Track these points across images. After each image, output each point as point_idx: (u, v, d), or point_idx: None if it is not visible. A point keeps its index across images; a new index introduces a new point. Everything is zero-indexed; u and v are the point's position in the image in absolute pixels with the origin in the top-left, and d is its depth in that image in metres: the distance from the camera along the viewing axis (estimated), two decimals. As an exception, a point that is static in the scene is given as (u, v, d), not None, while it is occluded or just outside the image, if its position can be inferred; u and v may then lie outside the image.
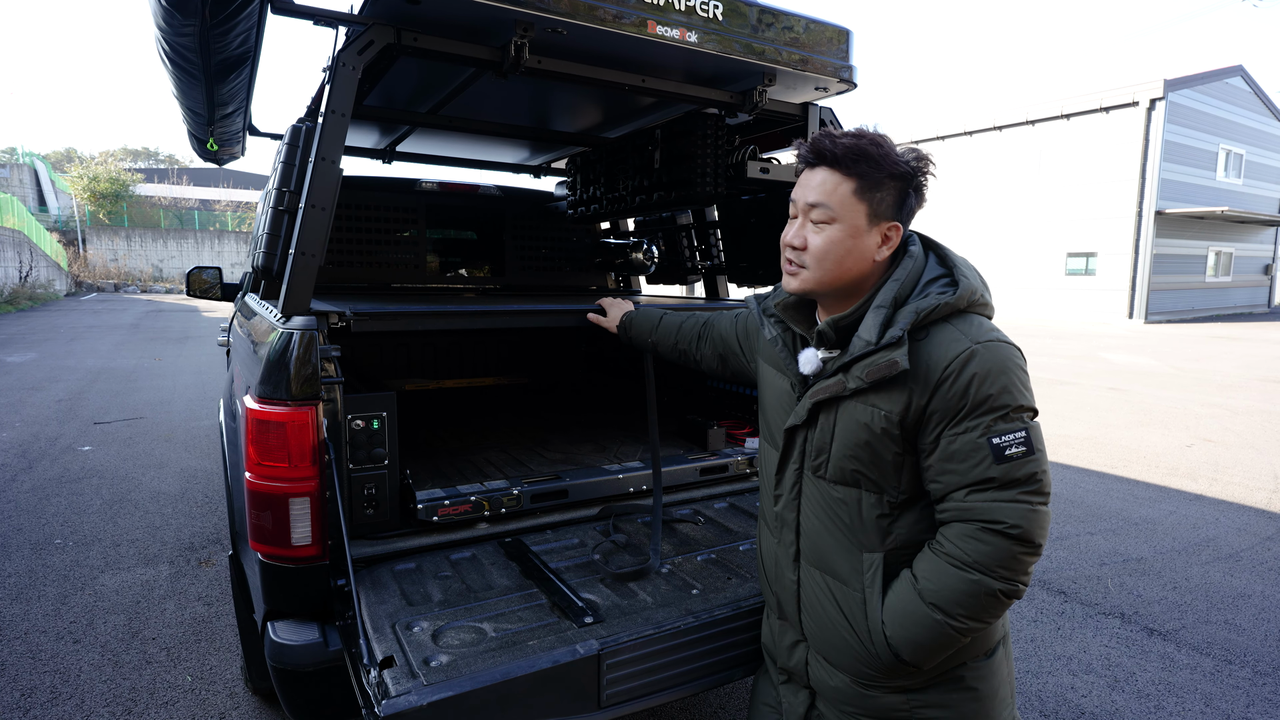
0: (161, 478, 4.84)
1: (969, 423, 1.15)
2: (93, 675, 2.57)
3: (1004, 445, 1.13)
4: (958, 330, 1.18)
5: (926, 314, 1.18)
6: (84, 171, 32.53)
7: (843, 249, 1.24)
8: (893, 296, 1.22)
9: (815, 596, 1.32)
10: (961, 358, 1.15)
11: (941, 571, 1.16)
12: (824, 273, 1.26)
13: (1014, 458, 1.13)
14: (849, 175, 1.22)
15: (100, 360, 10.12)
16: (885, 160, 1.20)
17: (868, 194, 1.21)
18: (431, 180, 3.74)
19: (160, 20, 1.87)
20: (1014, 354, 1.18)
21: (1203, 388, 8.79)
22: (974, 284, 1.23)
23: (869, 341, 1.20)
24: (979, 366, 1.14)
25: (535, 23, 1.73)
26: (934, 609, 1.16)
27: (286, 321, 1.65)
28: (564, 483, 2.09)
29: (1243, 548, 3.85)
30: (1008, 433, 1.14)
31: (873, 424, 1.21)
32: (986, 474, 1.14)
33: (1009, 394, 1.15)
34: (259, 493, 1.59)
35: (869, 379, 1.18)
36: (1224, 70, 20.21)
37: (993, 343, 1.16)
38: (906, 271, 1.24)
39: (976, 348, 1.15)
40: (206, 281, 4.43)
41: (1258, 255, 23.74)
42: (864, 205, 1.22)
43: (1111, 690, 2.55)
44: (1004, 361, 1.16)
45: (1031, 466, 1.14)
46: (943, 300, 1.19)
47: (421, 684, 1.25)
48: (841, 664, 1.29)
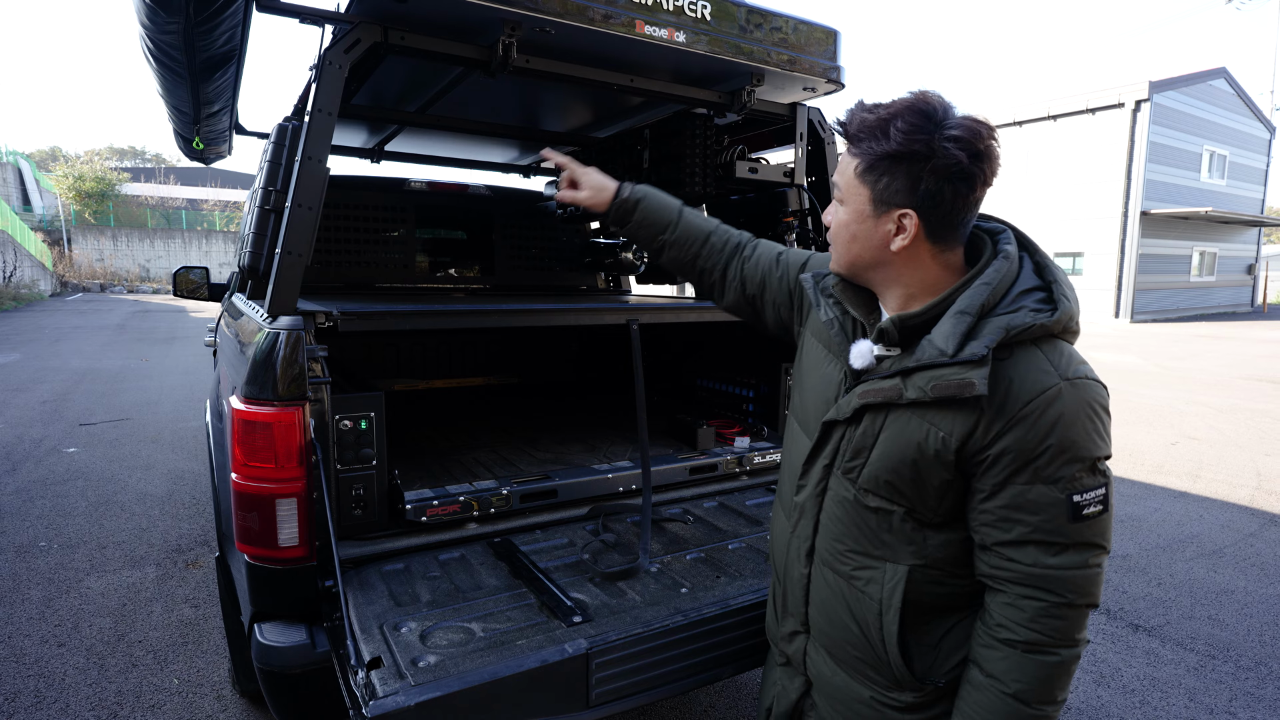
0: (148, 479, 4.80)
1: (1048, 472, 1.01)
2: (78, 679, 2.55)
3: (1084, 504, 1.01)
4: (1047, 360, 1.02)
5: (1018, 333, 1.02)
6: (69, 170, 32.19)
7: (849, 233, 1.13)
8: (980, 303, 1.05)
9: (827, 596, 1.23)
10: (1048, 395, 1.00)
11: (1024, 663, 1.03)
12: (839, 255, 1.17)
13: (1090, 517, 1.01)
14: (855, 154, 1.10)
15: (86, 361, 10.02)
16: (890, 139, 1.04)
17: (869, 176, 1.08)
18: (420, 180, 3.72)
19: (144, 18, 1.86)
20: (1102, 395, 1.04)
21: (1187, 386, 8.88)
22: (1073, 309, 1.06)
23: (943, 351, 1.04)
24: (1066, 408, 1.00)
25: (523, 22, 1.73)
26: (1041, 707, 1.04)
27: (273, 321, 1.64)
28: (553, 482, 2.09)
29: (1226, 544, 3.89)
30: (1090, 489, 1.01)
31: (925, 443, 1.06)
32: (1057, 534, 1.01)
33: (1094, 443, 1.01)
34: (245, 494, 1.58)
35: (934, 394, 1.04)
36: (1207, 72, 20.44)
37: (1082, 381, 1.02)
38: (999, 276, 1.06)
39: (1065, 385, 1.01)
40: (193, 281, 4.39)
41: (1241, 255, 24.02)
42: (866, 189, 1.09)
43: (1097, 686, 2.58)
44: (1092, 404, 1.02)
45: (1104, 525, 1.03)
46: (1038, 321, 1.03)
47: (409, 685, 1.24)
48: (848, 664, 1.23)
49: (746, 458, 2.41)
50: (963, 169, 1.02)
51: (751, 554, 1.88)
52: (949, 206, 1.05)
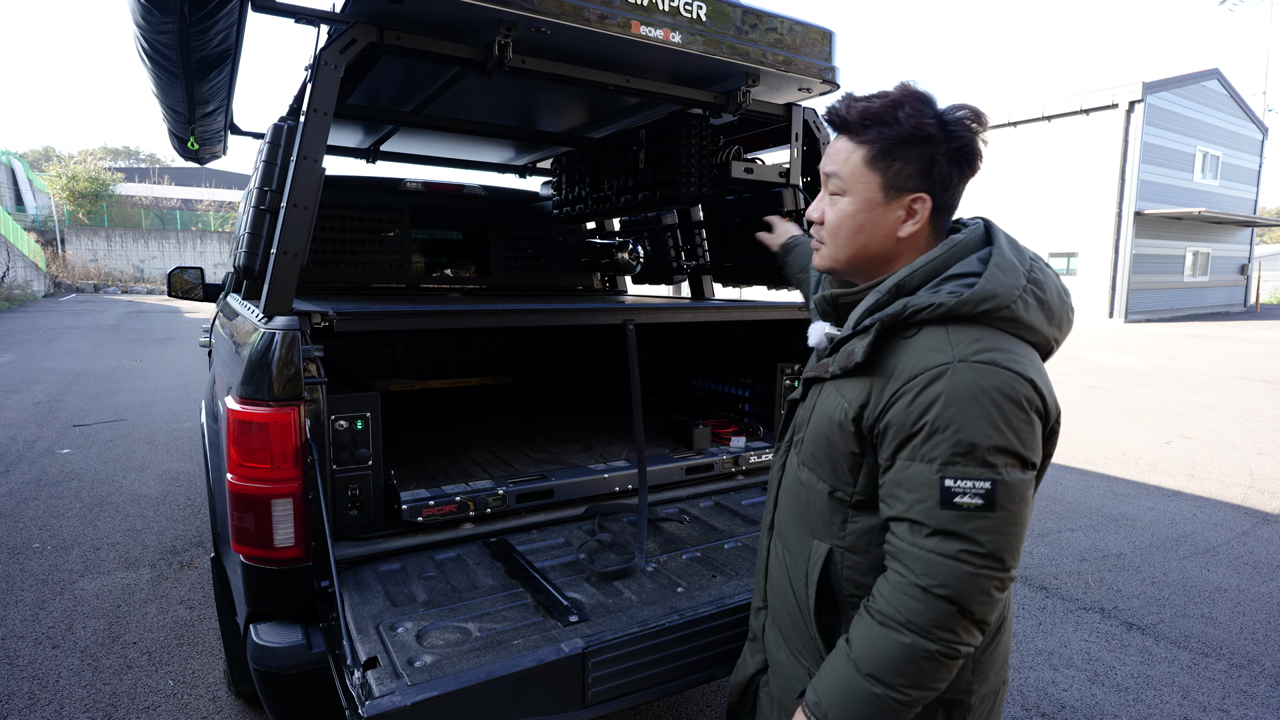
0: (143, 480, 4.78)
1: (923, 450, 0.98)
2: (72, 680, 2.54)
3: (956, 490, 0.95)
4: (946, 340, 1.00)
5: (914, 312, 1.02)
6: (63, 171, 32.04)
7: (855, 224, 1.11)
8: (896, 282, 1.07)
9: (777, 570, 1.28)
10: (930, 373, 0.98)
11: (874, 635, 1.01)
12: (838, 249, 1.14)
13: (962, 508, 0.95)
14: (860, 142, 1.09)
15: (80, 362, 9.97)
16: (902, 123, 1.04)
17: (881, 162, 1.07)
18: (416, 180, 3.72)
19: (139, 17, 1.85)
20: (1008, 383, 0.96)
21: (1181, 386, 8.93)
22: (994, 289, 1.00)
23: (849, 324, 1.11)
24: (948, 387, 0.96)
25: (518, 22, 1.73)
26: (872, 680, 1.00)
27: (268, 322, 1.64)
28: (549, 482, 2.09)
29: (1219, 543, 3.91)
30: (967, 478, 0.95)
31: (834, 413, 1.10)
32: (927, 515, 0.97)
33: (981, 431, 0.95)
34: (241, 494, 1.58)
35: (839, 365, 1.09)
36: (1200, 73, 20.54)
37: (982, 364, 0.96)
38: (932, 258, 1.07)
39: (959, 366, 0.97)
40: (188, 282, 4.38)
41: (1234, 255, 24.13)
42: (877, 175, 1.08)
43: (1091, 684, 2.59)
44: (987, 390, 0.95)
45: (982, 525, 0.94)
46: (936, 301, 1.01)
47: (405, 684, 1.24)
48: (791, 641, 1.24)
49: (742, 457, 2.41)
50: (971, 149, 1.06)
51: (747, 553, 1.88)
52: (954, 189, 1.09)
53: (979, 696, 1.12)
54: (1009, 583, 0.99)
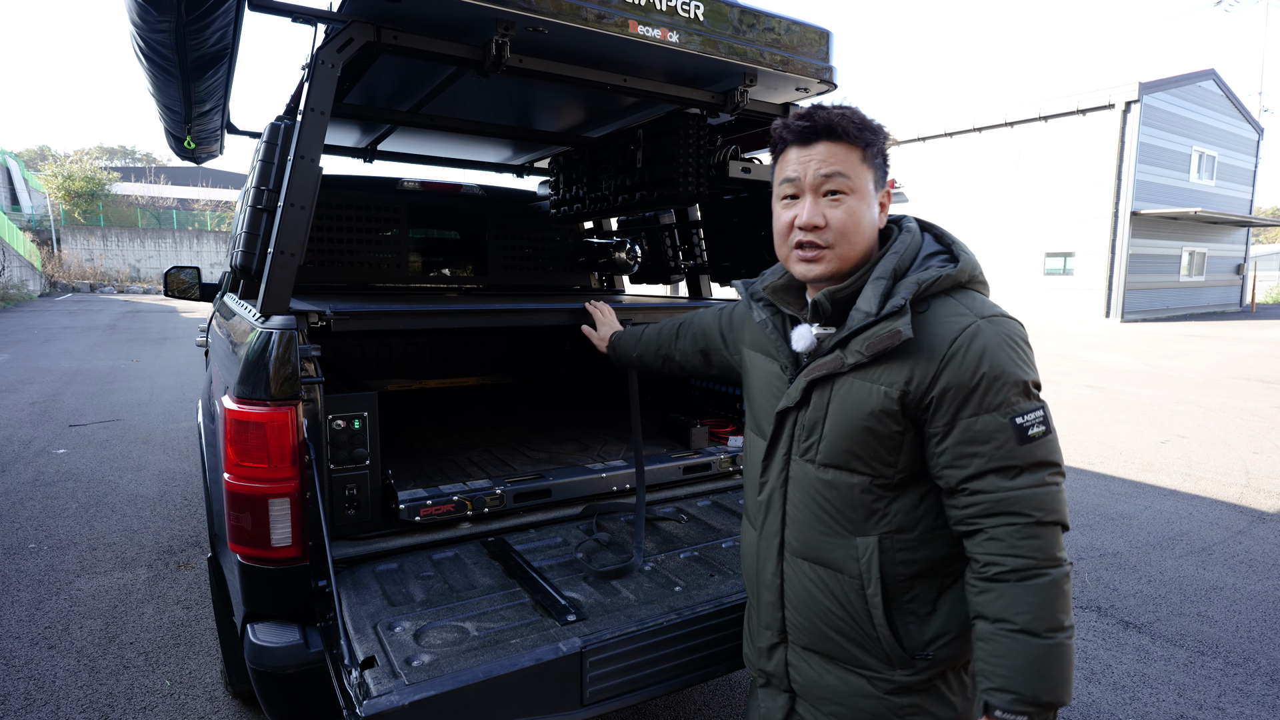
0: (139, 480, 4.77)
1: (988, 400, 1.09)
2: (68, 681, 2.53)
3: (1027, 425, 1.08)
4: (960, 304, 1.14)
5: (928, 285, 1.15)
6: (58, 170, 31.91)
7: (866, 219, 1.20)
8: (892, 268, 1.18)
9: (804, 589, 1.26)
10: (969, 332, 1.10)
11: (1024, 593, 1.06)
12: (851, 247, 1.20)
13: (1036, 438, 1.08)
14: (855, 144, 1.18)
15: (76, 362, 9.95)
16: (875, 128, 1.21)
17: (870, 161, 1.20)
18: (413, 179, 3.72)
19: (135, 16, 1.85)
20: (1019, 329, 1.14)
21: (1177, 385, 8.95)
22: (973, 259, 1.20)
23: (869, 313, 1.15)
24: (989, 341, 1.10)
25: (516, 21, 1.73)
26: (1051, 633, 1.05)
27: (265, 321, 1.63)
28: (547, 482, 2.09)
29: (1215, 541, 3.92)
30: (1028, 411, 1.09)
31: (871, 400, 1.15)
32: (1011, 458, 1.08)
33: (1021, 369, 1.10)
34: (238, 494, 1.58)
35: (870, 352, 1.13)
36: (1196, 74, 20.59)
37: (998, 318, 1.13)
38: (905, 245, 1.21)
39: (982, 323, 1.11)
40: (185, 281, 4.37)
41: (1229, 255, 24.20)
42: (871, 172, 1.20)
43: (1088, 682, 2.60)
44: (1012, 336, 1.12)
45: (1051, 445, 1.10)
46: (945, 273, 1.16)
47: (403, 684, 1.24)
48: (838, 657, 1.24)
49: (740, 457, 2.41)
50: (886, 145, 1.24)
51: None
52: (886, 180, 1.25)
53: None
54: None
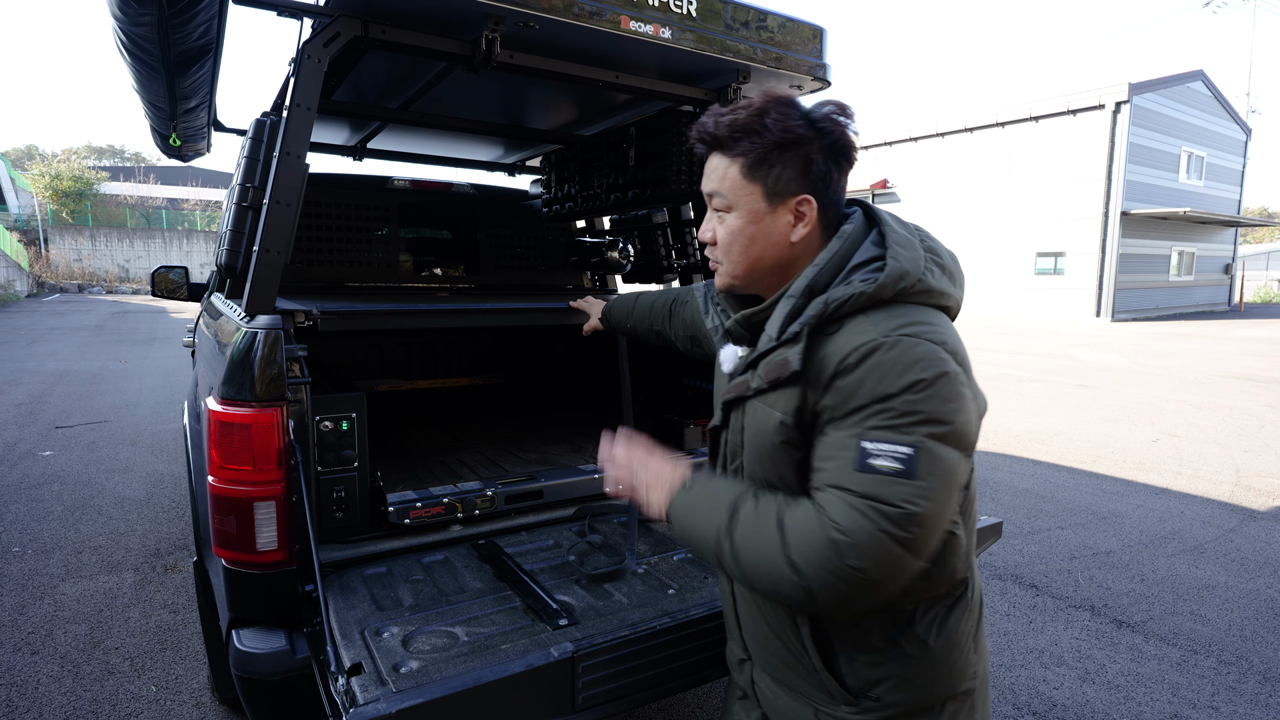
0: (126, 483, 4.71)
1: (851, 419, 0.95)
2: (51, 687, 2.49)
3: (872, 453, 0.92)
4: (870, 323, 0.98)
5: (838, 306, 0.99)
6: (46, 169, 31.66)
7: (745, 237, 1.09)
8: (806, 285, 1.04)
9: (749, 611, 1.20)
10: (862, 349, 0.95)
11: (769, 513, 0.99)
12: (735, 265, 1.11)
13: (878, 471, 0.91)
14: (734, 155, 1.07)
15: (63, 363, 9.85)
16: (771, 130, 1.04)
17: (758, 171, 1.06)
18: (404, 178, 3.68)
19: (116, 9, 1.81)
20: (935, 356, 0.94)
21: (1167, 384, 9.00)
22: (905, 266, 1.01)
23: (771, 337, 1.05)
24: (881, 360, 0.94)
25: (506, 16, 1.70)
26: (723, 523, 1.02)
27: (251, 321, 1.60)
28: (539, 483, 2.07)
29: (1207, 540, 3.93)
30: (886, 441, 0.91)
31: (770, 425, 1.06)
32: (841, 479, 0.93)
33: (908, 400, 0.92)
34: (223, 497, 1.55)
35: (767, 379, 1.04)
36: (1185, 75, 20.75)
37: (910, 338, 0.95)
38: (830, 255, 1.05)
39: (884, 340, 0.95)
40: (173, 281, 4.32)
41: (1218, 255, 24.40)
42: (757, 185, 1.06)
43: (1082, 682, 2.59)
44: (917, 360, 0.93)
45: (896, 491, 0.90)
46: (858, 291, 0.99)
47: (390, 691, 1.22)
48: (785, 682, 1.16)
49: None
50: (844, 142, 1.06)
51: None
52: (835, 184, 1.08)
53: (980, 677, 1.14)
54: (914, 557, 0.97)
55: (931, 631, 1.07)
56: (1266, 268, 34.82)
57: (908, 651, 1.06)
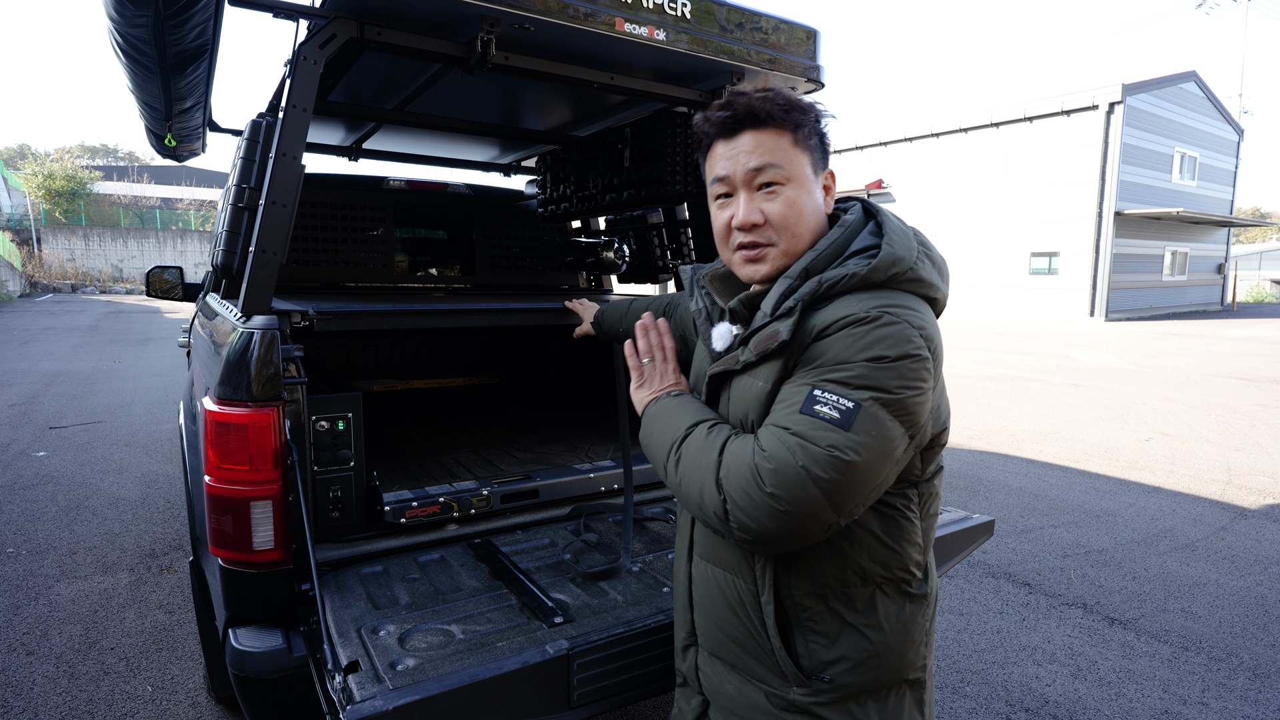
0: (121, 483, 4.70)
1: (813, 371, 1.01)
2: (47, 688, 2.49)
3: (818, 399, 0.96)
4: (856, 300, 1.02)
5: (830, 285, 1.04)
6: (38, 169, 31.47)
7: (808, 207, 1.12)
8: (804, 267, 1.08)
9: (708, 593, 1.20)
10: (844, 320, 1.00)
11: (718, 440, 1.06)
12: (795, 240, 1.12)
13: (817, 415, 0.96)
14: (783, 128, 1.10)
15: (56, 363, 9.81)
16: (805, 107, 1.11)
17: (808, 143, 1.12)
18: (399, 178, 3.68)
19: (112, 10, 1.81)
20: (905, 336, 0.98)
21: (1160, 383, 9.05)
22: (899, 253, 1.05)
23: (765, 314, 1.09)
24: (855, 330, 0.99)
25: (502, 18, 1.71)
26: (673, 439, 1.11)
27: (247, 321, 1.61)
28: (534, 482, 2.08)
29: (1198, 538, 3.96)
30: (833, 393, 0.96)
31: (751, 395, 1.09)
32: (784, 418, 0.99)
33: (868, 366, 0.97)
34: (219, 496, 1.55)
35: (756, 352, 1.07)
36: (1178, 75, 20.84)
37: (889, 315, 0.99)
38: (830, 241, 1.10)
39: (865, 315, 0.99)
40: (168, 281, 4.32)
41: (1211, 255, 24.52)
42: (807, 155, 1.12)
43: (1074, 679, 2.61)
44: (887, 336, 0.98)
45: (829, 438, 0.94)
46: (851, 272, 1.04)
47: (387, 688, 1.22)
48: (737, 666, 1.17)
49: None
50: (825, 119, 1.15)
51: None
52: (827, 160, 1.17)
53: (929, 670, 1.18)
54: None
55: (889, 618, 1.11)
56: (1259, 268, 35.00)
57: (865, 635, 1.09)
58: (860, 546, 1.09)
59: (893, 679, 1.12)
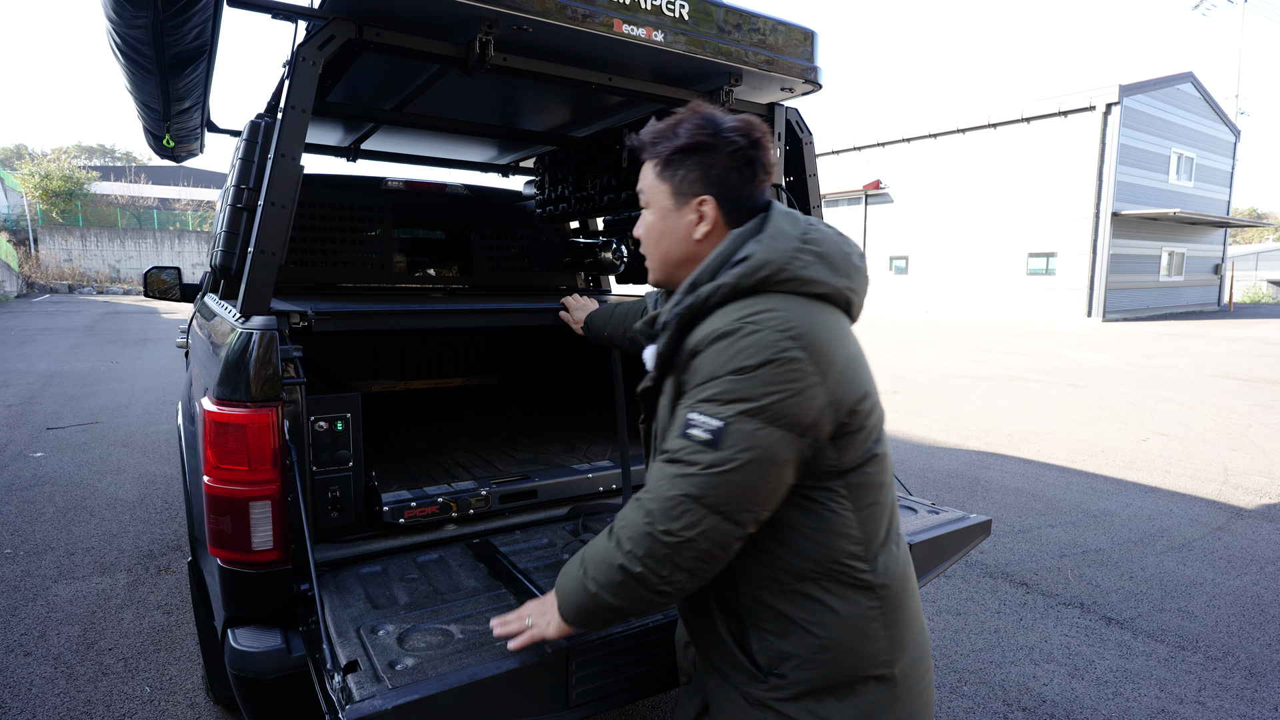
0: (119, 484, 4.70)
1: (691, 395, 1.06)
2: (45, 689, 2.49)
3: (693, 423, 1.03)
4: (728, 311, 1.06)
5: (705, 299, 1.08)
6: (35, 169, 31.40)
7: (658, 231, 1.23)
8: (691, 281, 1.13)
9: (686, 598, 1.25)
10: (712, 335, 1.05)
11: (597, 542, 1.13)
12: (651, 258, 1.26)
13: (693, 440, 1.02)
14: (650, 158, 1.23)
15: (54, 364, 9.79)
16: (679, 135, 1.18)
17: (667, 171, 1.20)
18: (397, 179, 3.69)
19: (111, 12, 1.82)
20: (765, 343, 1.01)
21: (1157, 383, 9.07)
22: (765, 257, 1.07)
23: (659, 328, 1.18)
24: (721, 345, 1.03)
25: (500, 19, 1.71)
26: (583, 564, 1.14)
27: (246, 321, 1.61)
28: (533, 483, 2.08)
29: (1194, 537, 3.98)
30: (708, 414, 1.02)
31: (663, 414, 1.17)
32: (668, 444, 1.07)
33: (731, 380, 1.01)
34: (218, 497, 1.55)
35: (653, 369, 1.18)
36: (1175, 76, 20.89)
37: (752, 324, 1.02)
38: (715, 254, 1.13)
39: (730, 328, 1.03)
40: (165, 282, 4.31)
41: (1208, 255, 24.58)
42: (666, 184, 1.21)
43: (1071, 678, 2.62)
44: (747, 347, 1.01)
45: (703, 458, 1.00)
46: (723, 282, 1.07)
47: (386, 688, 1.23)
48: (712, 661, 1.23)
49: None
50: (745, 153, 1.16)
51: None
52: (738, 189, 1.18)
53: (901, 668, 1.14)
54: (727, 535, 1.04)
55: (833, 612, 1.10)
56: (1255, 268, 35.09)
57: (809, 631, 1.10)
58: (785, 543, 1.10)
59: (851, 675, 1.11)
